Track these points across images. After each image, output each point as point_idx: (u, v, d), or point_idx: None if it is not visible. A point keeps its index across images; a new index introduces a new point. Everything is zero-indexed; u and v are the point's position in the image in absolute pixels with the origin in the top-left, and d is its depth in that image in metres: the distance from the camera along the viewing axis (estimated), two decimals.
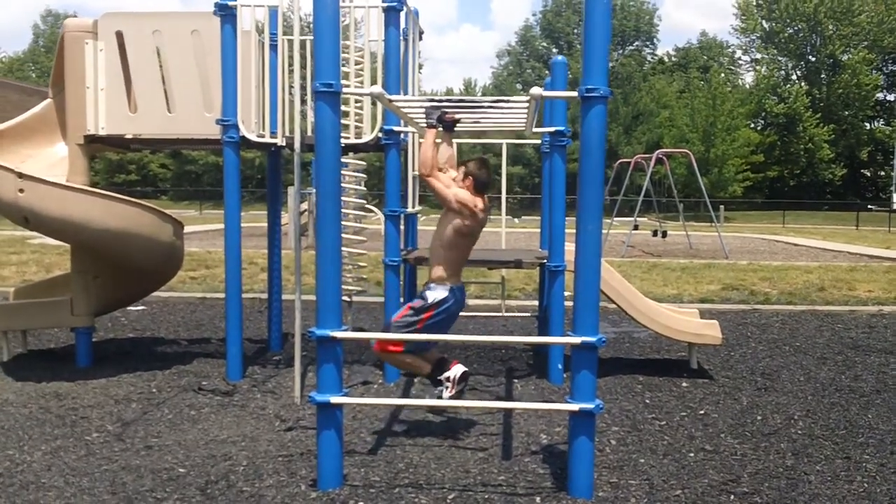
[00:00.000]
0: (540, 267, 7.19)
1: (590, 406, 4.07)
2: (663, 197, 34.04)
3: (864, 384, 6.73)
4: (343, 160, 6.47)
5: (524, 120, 5.69)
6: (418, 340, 5.04)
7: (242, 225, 6.67)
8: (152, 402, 5.94)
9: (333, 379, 4.25)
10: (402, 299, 6.88)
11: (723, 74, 62.20)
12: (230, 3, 6.24)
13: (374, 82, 6.58)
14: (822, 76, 62.39)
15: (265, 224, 8.53)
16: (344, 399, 4.30)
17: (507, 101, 4.92)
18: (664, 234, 23.48)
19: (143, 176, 59.91)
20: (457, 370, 5.18)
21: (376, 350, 5.24)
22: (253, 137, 6.46)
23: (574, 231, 4.17)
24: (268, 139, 6.64)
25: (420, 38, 7.54)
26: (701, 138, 50.85)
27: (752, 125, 58.86)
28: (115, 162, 58.22)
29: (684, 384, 6.66)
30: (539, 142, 7.77)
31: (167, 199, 55.37)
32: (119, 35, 6.70)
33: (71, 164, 6.79)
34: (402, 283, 6.96)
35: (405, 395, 6.31)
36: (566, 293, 6.74)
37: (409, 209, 7.30)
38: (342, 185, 5.99)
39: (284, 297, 8.26)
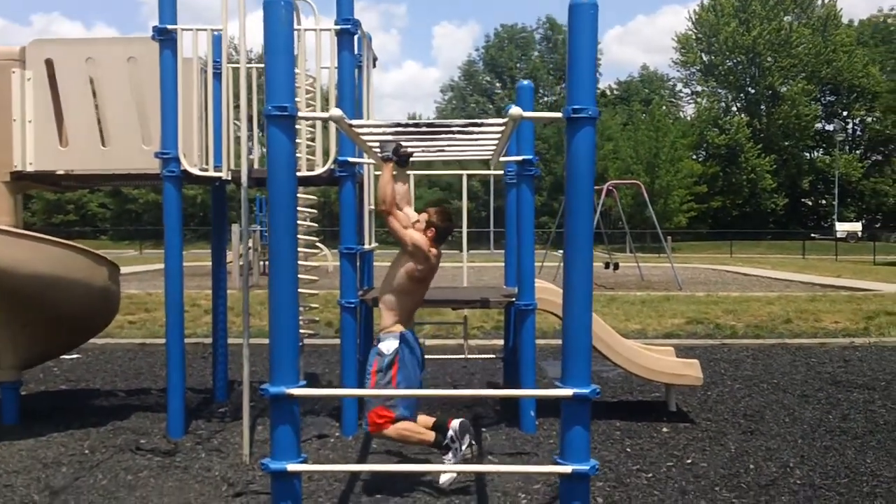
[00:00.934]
0: (508, 306, 6.72)
1: (584, 468, 3.59)
2: (610, 228, 33.97)
3: (855, 424, 6.36)
4: None
5: (493, 147, 5.26)
6: (398, 398, 4.71)
7: (184, 264, 6.11)
8: (85, 465, 5.32)
9: (290, 443, 3.73)
10: (358, 341, 6.37)
11: (664, 107, 62.96)
12: (169, 28, 5.75)
13: (326, 110, 6.11)
14: (762, 107, 63.64)
15: (208, 263, 7.95)
16: (302, 466, 3.77)
17: (481, 125, 4.46)
18: (616, 266, 23.28)
19: (82, 216, 58.13)
20: (454, 425, 4.82)
21: (373, 432, 4.85)
22: (195, 171, 5.93)
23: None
24: (212, 173, 6.09)
25: (374, 65, 7.11)
26: (645, 170, 51.28)
27: (695, 156, 59.64)
28: (53, 202, 56.50)
29: (665, 429, 6.22)
30: (498, 172, 7.32)
31: (106, 239, 53.84)
32: (49, 63, 6.19)
33: None
34: (358, 324, 6.43)
35: (365, 448, 5.75)
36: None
37: (366, 246, 6.81)
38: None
39: (230, 340, 7.67)
